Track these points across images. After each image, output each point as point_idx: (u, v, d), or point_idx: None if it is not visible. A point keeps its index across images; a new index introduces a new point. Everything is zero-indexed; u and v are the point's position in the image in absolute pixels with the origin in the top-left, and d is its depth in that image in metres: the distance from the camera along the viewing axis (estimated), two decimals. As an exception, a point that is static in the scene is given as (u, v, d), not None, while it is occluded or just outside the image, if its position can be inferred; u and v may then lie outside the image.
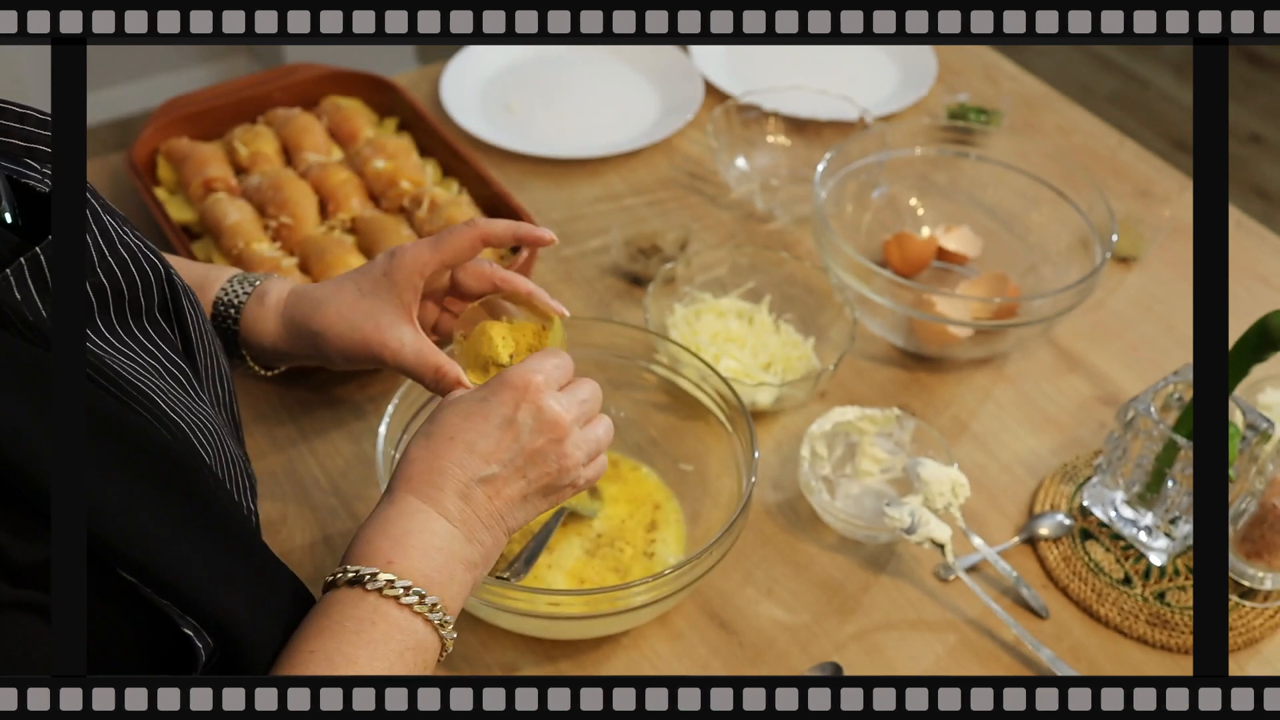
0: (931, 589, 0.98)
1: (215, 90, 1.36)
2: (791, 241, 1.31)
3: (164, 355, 0.69)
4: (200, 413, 0.69)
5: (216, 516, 0.63)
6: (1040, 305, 1.10)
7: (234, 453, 0.72)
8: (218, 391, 0.76)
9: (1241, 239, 1.35)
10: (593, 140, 1.43)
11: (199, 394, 0.71)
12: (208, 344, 0.76)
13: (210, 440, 0.68)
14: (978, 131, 1.28)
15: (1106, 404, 1.15)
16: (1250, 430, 0.94)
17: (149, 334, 0.69)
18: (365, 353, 0.85)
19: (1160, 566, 1.00)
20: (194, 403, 0.69)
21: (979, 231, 1.29)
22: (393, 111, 1.39)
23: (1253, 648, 0.96)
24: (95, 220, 0.66)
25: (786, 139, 1.43)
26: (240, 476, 0.73)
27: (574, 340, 1.05)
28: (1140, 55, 3.37)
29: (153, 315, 0.70)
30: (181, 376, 0.70)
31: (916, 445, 1.05)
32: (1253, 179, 2.97)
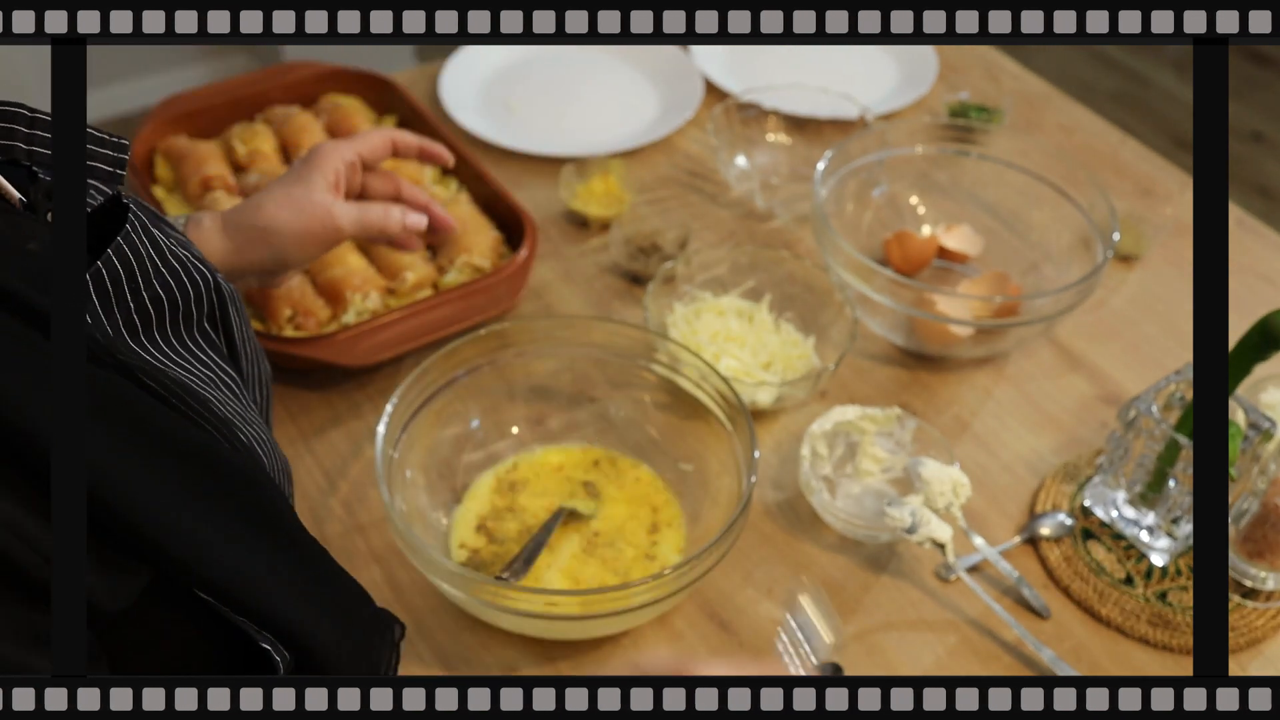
0: (932, 589, 0.98)
1: (213, 88, 1.36)
2: (792, 240, 1.31)
3: (215, 365, 0.69)
4: (255, 420, 0.69)
5: (284, 529, 0.63)
6: (1041, 304, 1.10)
7: (282, 459, 0.73)
8: (257, 396, 0.77)
9: (1242, 237, 1.34)
10: (593, 139, 1.43)
11: (249, 401, 0.71)
12: (251, 349, 0.76)
13: (266, 448, 0.68)
14: (979, 130, 1.28)
15: (1108, 403, 1.15)
16: (1252, 429, 0.93)
17: (200, 344, 0.69)
18: (315, 226, 0.94)
19: (1162, 566, 1.00)
20: (248, 410, 0.69)
21: (980, 230, 1.29)
22: (391, 110, 1.39)
23: (1255, 648, 0.96)
24: (145, 233, 0.66)
25: (787, 137, 1.42)
26: (287, 483, 0.73)
27: (574, 340, 1.05)
28: (1142, 54, 3.37)
29: (203, 325, 0.70)
30: (234, 384, 0.70)
31: (917, 445, 1.05)
32: (1254, 177, 2.96)
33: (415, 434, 0.98)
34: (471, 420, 1.04)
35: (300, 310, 1.11)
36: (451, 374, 1.01)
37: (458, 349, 1.00)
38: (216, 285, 0.72)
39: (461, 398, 1.03)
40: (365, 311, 1.13)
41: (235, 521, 0.59)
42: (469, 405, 1.04)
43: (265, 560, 0.60)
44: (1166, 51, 3.37)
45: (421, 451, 1.00)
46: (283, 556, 0.62)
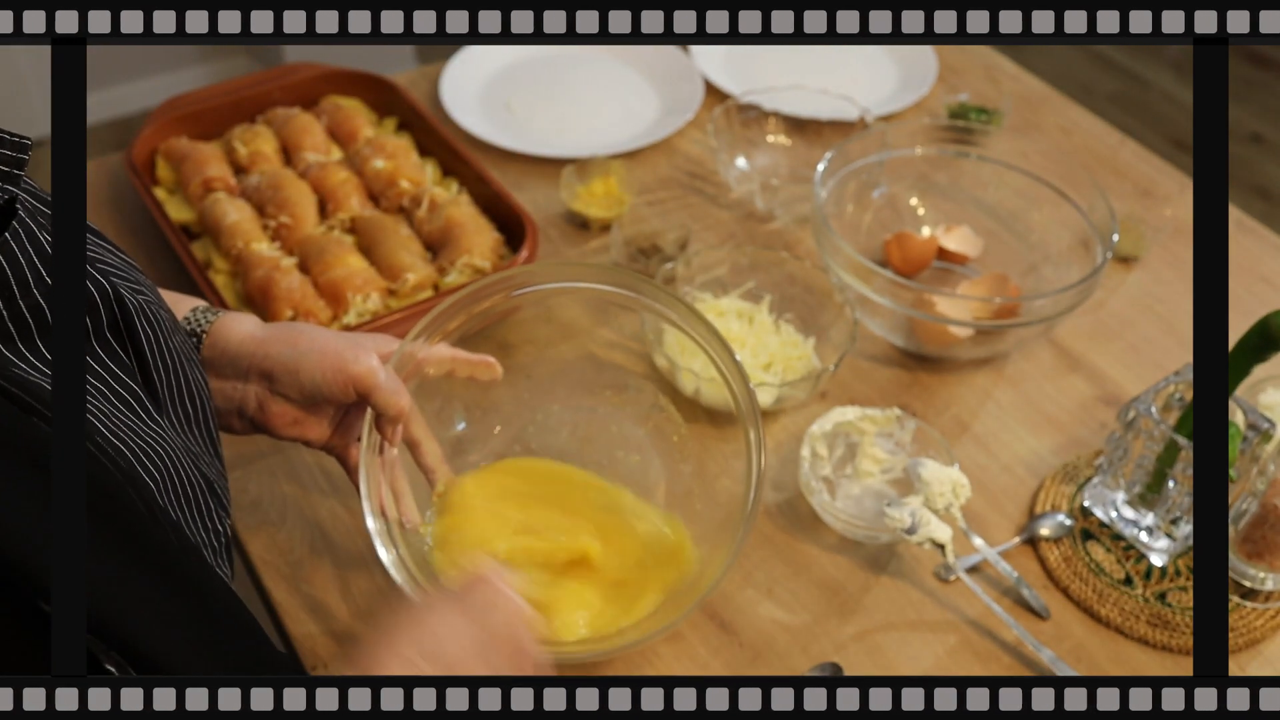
0: (932, 589, 0.98)
1: (214, 90, 1.36)
2: (792, 241, 1.31)
3: (111, 377, 0.67)
4: (150, 435, 0.67)
5: (151, 547, 0.62)
6: (1041, 305, 1.10)
7: (194, 474, 0.71)
8: (188, 409, 0.75)
9: (1242, 239, 1.35)
10: (593, 140, 1.43)
11: (152, 416, 0.69)
12: (171, 363, 0.73)
13: (161, 464, 0.66)
14: (978, 131, 1.28)
15: (1107, 404, 1.15)
16: (1251, 430, 0.94)
17: (97, 355, 0.67)
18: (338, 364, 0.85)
19: (1161, 567, 1.00)
20: (145, 425, 0.68)
21: (979, 231, 1.29)
22: (392, 111, 1.39)
23: (1254, 648, 0.96)
24: (30, 239, 0.64)
25: (787, 139, 1.42)
26: (201, 497, 0.71)
27: (575, 339, 1.05)
28: (1141, 55, 3.37)
29: (102, 336, 0.68)
30: (131, 398, 0.68)
31: (917, 445, 1.05)
32: (1253, 179, 2.97)
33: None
34: (457, 423, 1.01)
35: (301, 311, 1.11)
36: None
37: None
38: (118, 297, 0.69)
39: (449, 400, 0.99)
40: (366, 312, 1.13)
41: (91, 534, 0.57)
42: (454, 406, 1.00)
43: (117, 575, 0.58)
44: (1165, 53, 3.37)
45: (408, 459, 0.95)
46: (142, 575, 0.60)
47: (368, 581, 0.97)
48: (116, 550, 0.59)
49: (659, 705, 0.62)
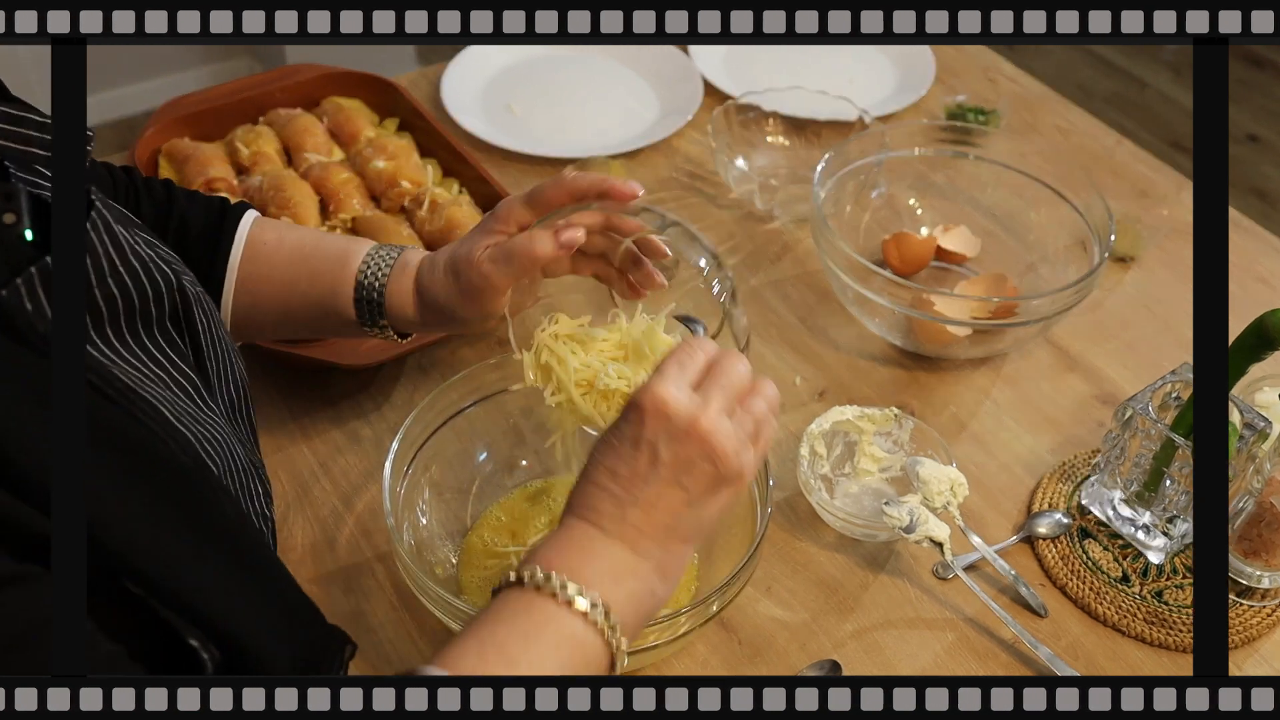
0: (930, 587, 0.99)
1: (216, 91, 1.37)
2: (791, 241, 1.32)
3: (172, 365, 0.69)
4: (208, 422, 0.69)
5: (221, 528, 0.63)
6: (1038, 305, 1.11)
7: (245, 461, 0.72)
8: (232, 398, 0.76)
9: (1239, 239, 1.35)
10: (593, 141, 1.43)
11: (208, 403, 0.71)
12: (221, 351, 0.76)
13: (219, 450, 0.68)
14: (976, 132, 1.29)
15: (1104, 403, 1.15)
16: (1248, 429, 0.94)
17: (159, 344, 0.69)
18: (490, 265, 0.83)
19: (1158, 565, 1.00)
20: (202, 412, 0.69)
21: (977, 231, 1.29)
22: (394, 112, 1.39)
23: (1250, 646, 0.97)
24: (107, 230, 0.66)
25: (786, 139, 1.43)
26: (253, 484, 0.73)
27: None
28: (1138, 56, 3.38)
29: (163, 325, 0.70)
30: (190, 386, 0.70)
31: (915, 444, 1.06)
32: (1251, 179, 2.97)
33: (421, 466, 0.95)
34: (479, 454, 1.01)
35: (303, 311, 1.12)
36: (459, 404, 0.98)
37: (465, 378, 0.97)
38: (181, 287, 0.71)
39: (467, 430, 0.99)
40: (367, 312, 1.14)
41: (167, 516, 0.59)
42: (476, 438, 1.00)
43: (194, 555, 0.60)
44: (1162, 54, 3.38)
45: (429, 485, 0.97)
46: (216, 554, 0.61)
47: (369, 580, 0.97)
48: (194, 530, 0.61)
49: (650, 705, 0.62)
